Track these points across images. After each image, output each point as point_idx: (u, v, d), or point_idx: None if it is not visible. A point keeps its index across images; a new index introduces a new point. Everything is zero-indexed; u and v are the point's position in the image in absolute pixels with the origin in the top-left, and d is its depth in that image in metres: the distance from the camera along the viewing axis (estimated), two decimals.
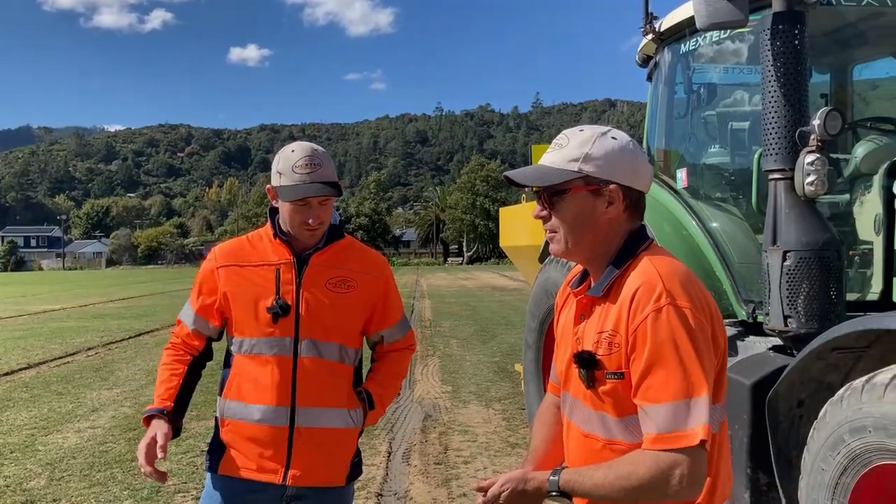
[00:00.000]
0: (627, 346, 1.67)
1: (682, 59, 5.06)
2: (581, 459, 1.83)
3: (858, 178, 4.21)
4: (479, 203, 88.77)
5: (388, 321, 2.70)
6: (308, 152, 2.41)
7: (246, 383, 2.49)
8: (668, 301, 1.64)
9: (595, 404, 1.76)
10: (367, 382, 2.67)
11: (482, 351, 12.86)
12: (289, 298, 2.48)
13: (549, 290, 5.30)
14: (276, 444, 2.47)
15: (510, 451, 6.63)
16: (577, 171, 1.73)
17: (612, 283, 1.76)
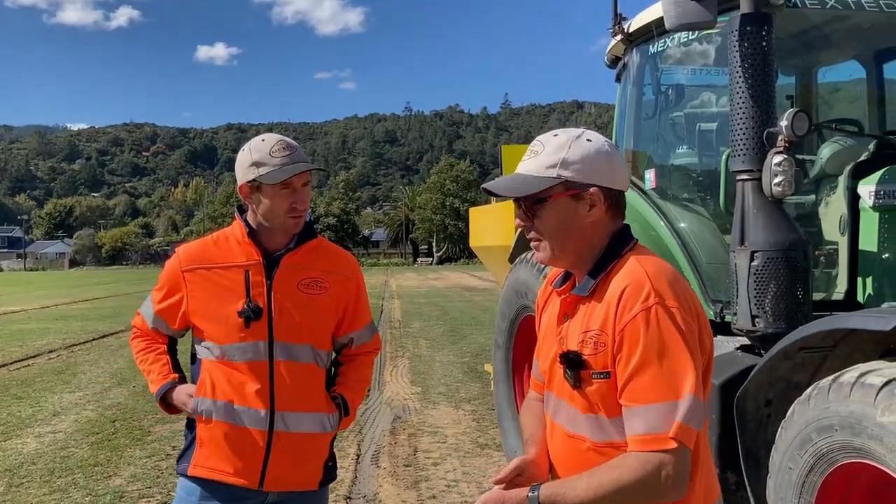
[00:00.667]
0: (614, 345, 1.66)
1: (650, 60, 5.08)
2: (566, 460, 1.81)
3: (823, 179, 4.26)
4: (448, 203, 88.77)
5: (359, 323, 2.65)
6: (280, 138, 2.42)
7: (223, 383, 2.43)
8: (656, 301, 1.63)
9: (581, 405, 1.74)
10: (339, 387, 2.62)
11: (452, 351, 12.84)
12: (260, 301, 2.41)
13: (519, 290, 5.29)
14: (254, 447, 2.41)
15: (480, 452, 6.62)
16: (555, 177, 1.72)
17: (598, 283, 1.75)
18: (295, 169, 2.36)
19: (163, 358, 2.57)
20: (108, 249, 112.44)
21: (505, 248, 6.44)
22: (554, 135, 1.79)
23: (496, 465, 6.19)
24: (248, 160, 2.39)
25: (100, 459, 6.53)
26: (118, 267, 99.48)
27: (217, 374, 2.44)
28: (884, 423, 2.53)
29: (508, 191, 1.78)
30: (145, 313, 2.60)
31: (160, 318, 2.55)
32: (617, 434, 1.70)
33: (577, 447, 1.77)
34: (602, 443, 1.72)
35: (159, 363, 2.56)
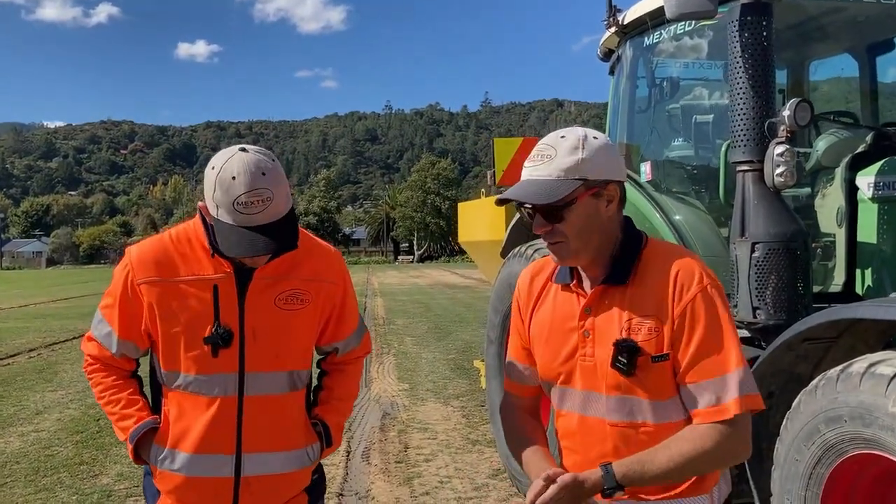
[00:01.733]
0: (673, 327, 1.73)
1: (644, 52, 5.05)
2: (612, 448, 1.80)
3: (820, 172, 4.25)
4: (429, 201, 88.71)
5: (346, 331, 2.29)
6: (254, 183, 1.85)
7: (179, 426, 2.07)
8: (708, 282, 1.76)
9: (629, 391, 1.77)
10: (322, 409, 2.26)
11: (437, 348, 12.79)
12: (231, 323, 2.02)
13: (512, 284, 5.22)
14: (216, 496, 2.08)
15: (471, 449, 6.57)
16: (577, 178, 1.75)
17: (633, 271, 1.81)
18: (252, 249, 1.90)
19: (138, 400, 2.16)
20: (86, 248, 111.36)
21: (495, 242, 6.40)
22: (561, 136, 1.81)
23: (488, 461, 6.16)
24: (211, 190, 1.91)
25: (85, 458, 6.42)
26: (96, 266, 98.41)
27: (176, 410, 2.08)
28: (895, 413, 2.51)
29: (535, 198, 1.76)
30: (103, 340, 2.14)
31: (127, 342, 2.12)
32: (673, 414, 1.77)
33: (626, 435, 1.79)
34: (660, 424, 1.77)
35: (134, 406, 2.14)
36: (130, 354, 2.17)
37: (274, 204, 1.89)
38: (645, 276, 1.79)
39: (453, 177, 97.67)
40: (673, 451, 1.69)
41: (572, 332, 1.85)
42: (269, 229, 1.89)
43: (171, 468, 2.08)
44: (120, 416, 2.14)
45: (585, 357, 1.82)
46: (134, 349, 2.15)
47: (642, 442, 1.77)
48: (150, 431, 2.11)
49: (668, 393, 1.76)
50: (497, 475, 5.77)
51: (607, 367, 1.77)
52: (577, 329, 1.84)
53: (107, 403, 2.17)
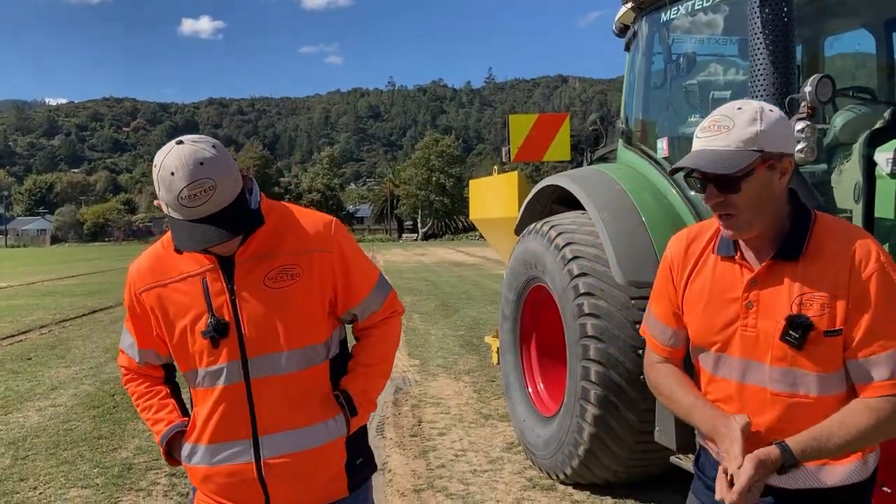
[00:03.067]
0: (848, 303, 1.77)
1: (660, 28, 5.05)
2: (772, 416, 1.87)
3: (838, 147, 4.26)
4: (433, 178, 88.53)
5: (358, 297, 2.21)
6: (193, 175, 1.83)
7: (198, 420, 2.13)
8: (885, 259, 1.80)
9: (796, 363, 1.83)
10: (347, 378, 2.22)
11: (446, 325, 12.86)
12: (225, 314, 2.03)
13: (528, 261, 5.29)
14: (244, 483, 2.09)
15: (484, 423, 6.65)
16: (756, 150, 1.78)
17: (806, 247, 1.83)
18: (203, 240, 1.89)
19: (168, 403, 2.23)
20: (90, 226, 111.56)
21: (508, 219, 6.43)
22: (738, 108, 1.83)
23: (501, 434, 6.24)
24: (158, 189, 1.90)
25: (103, 432, 6.51)
26: (101, 243, 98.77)
27: (198, 406, 2.14)
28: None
29: (714, 167, 1.78)
30: (129, 351, 2.25)
31: (147, 350, 2.21)
32: (836, 387, 1.83)
33: (786, 404, 1.85)
34: (821, 396, 1.83)
35: (164, 410, 2.22)
36: (153, 362, 2.24)
37: (218, 192, 1.87)
38: (819, 252, 1.82)
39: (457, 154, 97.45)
40: (850, 426, 1.75)
41: (733, 303, 1.89)
42: (219, 218, 1.89)
43: (195, 462, 2.14)
44: (153, 420, 2.23)
45: (747, 328, 1.87)
46: (155, 356, 2.22)
47: (801, 412, 1.83)
48: (179, 434, 2.18)
49: (835, 367, 1.81)
50: (511, 448, 5.85)
51: (774, 339, 1.82)
52: (741, 300, 1.88)
53: (142, 410, 2.26)
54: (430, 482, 5.19)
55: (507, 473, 5.34)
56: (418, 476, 5.32)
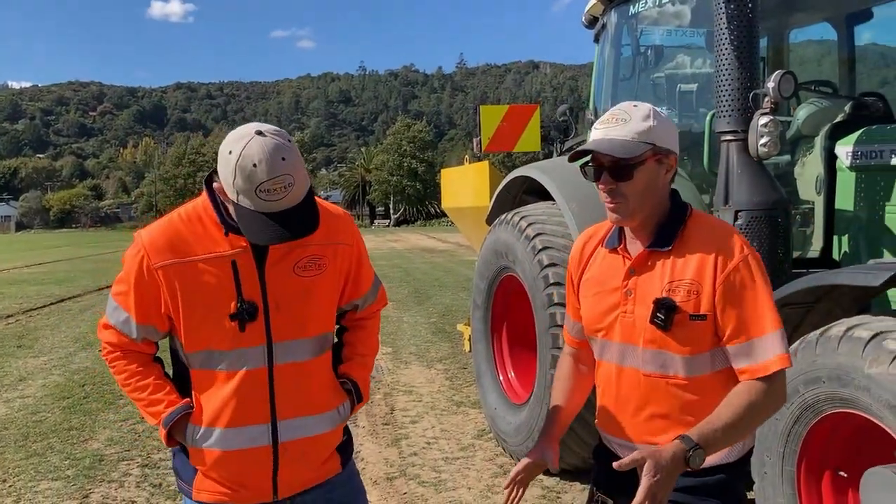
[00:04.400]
0: (714, 292, 1.89)
1: (629, 20, 5.11)
2: (644, 397, 2.00)
3: (800, 140, 4.37)
4: (405, 164, 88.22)
5: (364, 288, 2.34)
6: (275, 170, 1.86)
7: (211, 404, 2.10)
8: (748, 251, 1.92)
9: (664, 345, 1.94)
10: (348, 367, 2.31)
11: (418, 312, 12.91)
12: (254, 297, 2.05)
13: (498, 250, 5.34)
14: (258, 465, 2.13)
15: (456, 410, 6.72)
16: (648, 142, 1.91)
17: (677, 238, 1.96)
18: (273, 237, 1.94)
19: (166, 384, 2.17)
20: (57, 212, 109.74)
21: (479, 209, 6.48)
22: (634, 106, 1.98)
23: (473, 421, 6.31)
24: (231, 175, 1.89)
25: (74, 424, 6.47)
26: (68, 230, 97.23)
27: (207, 389, 2.10)
28: (871, 374, 2.65)
29: (613, 151, 1.91)
30: (121, 326, 2.13)
31: (146, 326, 2.11)
32: (702, 368, 1.94)
33: (658, 384, 1.98)
34: (690, 377, 1.95)
35: (163, 391, 2.15)
36: (151, 338, 2.16)
37: (295, 188, 1.91)
38: (688, 243, 1.95)
39: (429, 139, 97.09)
40: (734, 404, 1.85)
41: (616, 291, 2.03)
42: (291, 214, 1.93)
43: (209, 445, 2.11)
44: (148, 401, 2.15)
45: (626, 314, 2.00)
46: (154, 332, 2.15)
47: (671, 392, 1.96)
48: (184, 415, 2.13)
49: (700, 349, 1.93)
50: (482, 435, 5.92)
51: (646, 322, 1.95)
52: (621, 288, 2.02)
53: (133, 390, 2.17)
54: (403, 470, 5.24)
55: (478, 460, 5.41)
56: (391, 464, 5.37)
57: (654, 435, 1.98)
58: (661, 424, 1.98)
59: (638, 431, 2.02)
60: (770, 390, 1.87)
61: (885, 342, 2.66)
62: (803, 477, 3.11)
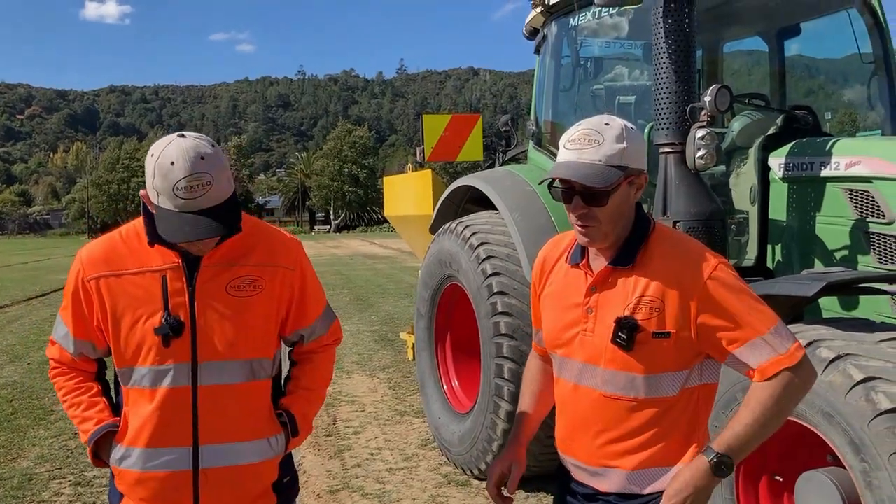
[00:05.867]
0: (690, 307, 1.84)
1: (569, 32, 5.17)
2: (601, 419, 1.95)
3: (735, 151, 4.48)
4: (346, 169, 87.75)
5: (309, 318, 2.26)
6: (193, 168, 1.86)
7: (135, 422, 2.06)
8: (718, 260, 1.88)
9: (626, 366, 1.89)
10: (289, 399, 2.24)
11: (360, 320, 12.83)
12: (181, 314, 2.01)
13: (443, 259, 5.34)
14: (177, 491, 2.06)
15: (399, 420, 6.69)
16: (622, 166, 1.85)
17: (639, 255, 1.92)
18: (194, 233, 1.90)
19: (99, 402, 2.15)
20: None
21: (422, 217, 6.48)
22: (605, 123, 1.89)
23: (417, 431, 6.29)
24: (151, 175, 1.90)
25: (1, 441, 6.22)
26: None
27: (132, 407, 2.07)
28: None
29: (588, 180, 1.84)
30: (62, 341, 2.15)
31: (83, 341, 2.12)
32: (665, 388, 1.90)
33: (618, 406, 1.92)
34: (651, 398, 1.90)
35: (95, 408, 2.13)
36: (89, 354, 2.16)
37: (214, 188, 1.89)
38: (651, 260, 1.91)
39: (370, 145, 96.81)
40: (752, 403, 1.81)
41: (577, 308, 1.98)
42: (212, 213, 1.90)
43: (128, 465, 2.07)
44: (81, 418, 2.13)
45: (587, 332, 1.95)
46: (92, 349, 2.14)
47: (632, 414, 1.91)
48: (109, 434, 2.10)
49: (663, 368, 1.88)
50: (426, 445, 5.91)
51: (607, 341, 1.90)
52: (582, 305, 1.97)
53: (69, 406, 2.16)
54: (346, 482, 5.19)
55: (422, 470, 5.39)
56: (333, 476, 5.31)
57: (611, 458, 1.95)
58: (621, 447, 1.93)
59: (595, 454, 1.97)
60: (799, 378, 1.82)
61: (818, 351, 2.74)
62: (742, 482, 3.19)
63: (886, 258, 3.53)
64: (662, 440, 1.91)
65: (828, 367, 2.69)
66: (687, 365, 1.90)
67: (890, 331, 2.84)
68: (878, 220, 3.54)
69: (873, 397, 2.54)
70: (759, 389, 1.83)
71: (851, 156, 3.66)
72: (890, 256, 3.51)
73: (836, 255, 3.77)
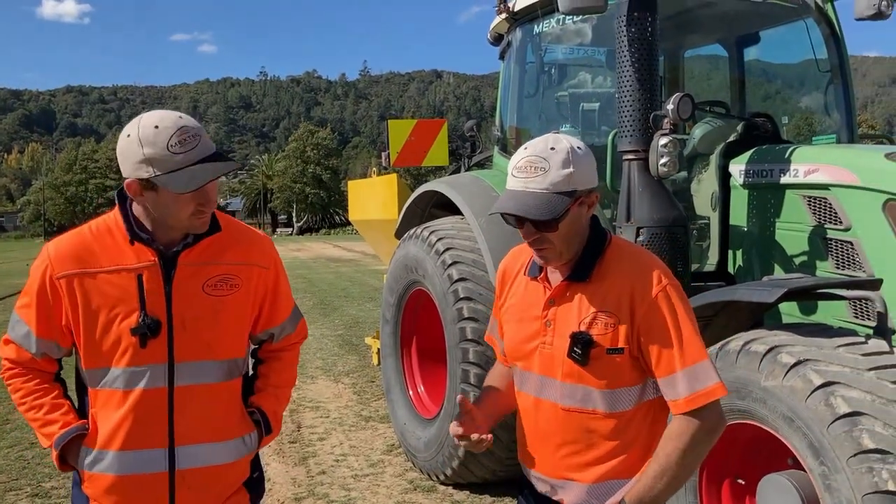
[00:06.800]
0: (633, 325, 1.86)
1: (534, 39, 5.21)
2: (560, 432, 1.96)
3: (696, 158, 4.55)
4: (309, 171, 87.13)
5: (280, 317, 2.28)
6: (177, 124, 1.90)
7: (106, 425, 2.01)
8: (667, 282, 1.89)
9: (582, 380, 1.91)
10: (258, 397, 2.24)
11: (324, 324, 12.74)
12: (158, 313, 1.99)
13: (408, 265, 5.33)
14: (153, 494, 2.04)
15: (365, 426, 6.65)
16: (570, 191, 1.85)
17: (594, 270, 1.93)
18: (205, 175, 1.90)
19: (63, 404, 2.09)
20: None
21: (387, 221, 6.47)
22: (551, 148, 1.88)
23: (382, 437, 6.26)
24: (138, 154, 1.88)
25: None
26: None
27: (102, 409, 2.03)
28: (767, 387, 2.78)
29: (536, 214, 1.84)
30: (21, 341, 2.07)
31: (47, 341, 2.06)
32: (623, 403, 1.91)
33: (577, 419, 1.94)
34: (610, 413, 1.91)
35: (59, 410, 2.07)
36: (52, 354, 2.10)
37: (203, 139, 1.93)
38: (606, 275, 1.92)
39: (333, 146, 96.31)
40: (660, 451, 1.83)
41: (536, 321, 1.99)
42: (212, 158, 1.93)
43: (101, 469, 2.03)
44: (43, 421, 2.07)
45: (545, 345, 1.97)
46: (56, 348, 2.09)
47: (591, 428, 1.92)
48: (77, 437, 2.05)
49: (620, 383, 1.89)
50: (392, 451, 5.89)
51: (564, 355, 1.91)
52: (541, 318, 1.98)
53: (28, 409, 2.09)
54: (311, 489, 5.15)
55: (388, 476, 5.37)
56: (298, 484, 5.26)
57: (571, 471, 1.97)
58: (581, 460, 1.95)
59: (556, 467, 1.99)
60: (702, 424, 1.82)
61: (779, 356, 2.79)
62: (705, 485, 3.23)
63: (843, 264, 3.61)
64: (621, 453, 1.93)
65: (788, 372, 2.74)
66: (642, 379, 1.92)
67: (848, 336, 2.90)
68: (835, 227, 3.62)
69: (832, 402, 2.59)
70: (665, 439, 1.86)
71: (810, 163, 3.74)
72: (847, 262, 3.59)
73: (796, 260, 3.84)
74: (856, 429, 2.51)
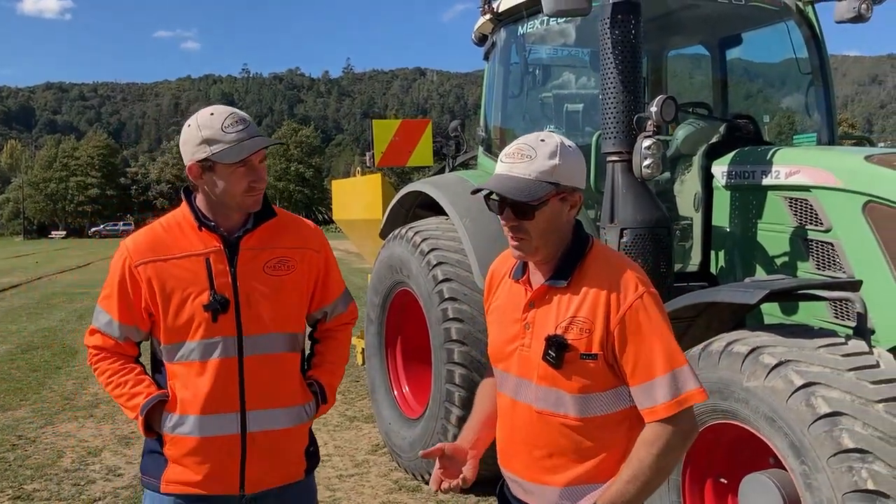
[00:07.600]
0: (608, 331, 1.86)
1: (518, 39, 5.22)
2: (535, 434, 1.98)
3: (679, 159, 4.59)
4: (293, 169, 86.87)
5: (332, 296, 2.51)
6: (231, 111, 2.24)
7: (186, 393, 2.25)
8: (644, 289, 1.90)
9: (556, 383, 1.92)
10: (316, 371, 2.49)
11: None
12: (226, 292, 2.24)
13: (393, 265, 5.34)
14: (228, 454, 2.26)
15: (349, 426, 6.66)
16: (552, 182, 1.87)
17: (574, 274, 1.94)
18: (253, 146, 2.18)
19: (144, 378, 2.33)
20: None
21: (371, 221, 6.47)
22: (541, 140, 1.92)
23: (367, 437, 6.27)
24: (198, 137, 2.18)
25: None
26: None
27: (181, 380, 2.27)
28: (749, 387, 2.81)
29: (514, 194, 1.87)
30: (105, 328, 2.33)
31: (127, 325, 2.31)
32: (596, 409, 1.92)
33: (550, 422, 1.95)
34: (582, 417, 1.92)
35: (142, 384, 2.31)
36: (133, 338, 2.35)
37: (252, 125, 2.23)
38: (585, 280, 1.93)
39: (317, 144, 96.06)
40: (632, 459, 1.85)
41: (516, 323, 2.01)
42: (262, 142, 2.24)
43: (183, 432, 2.26)
44: (129, 395, 2.30)
45: (524, 347, 1.98)
46: (136, 332, 2.33)
47: (564, 432, 1.93)
48: (159, 405, 2.27)
49: (593, 389, 1.90)
50: (377, 451, 5.89)
51: (540, 358, 1.92)
52: (521, 321, 2.00)
53: (115, 387, 2.33)
54: None
55: (373, 476, 5.38)
56: None
57: (546, 473, 1.97)
58: (553, 463, 1.96)
59: (531, 469, 2.00)
60: (676, 429, 1.83)
61: (761, 357, 2.82)
62: (688, 484, 3.27)
63: (824, 265, 3.65)
64: (593, 457, 1.94)
65: (770, 372, 2.77)
66: (616, 385, 1.92)
67: (828, 336, 2.94)
68: (816, 228, 3.66)
69: (813, 402, 2.62)
70: (639, 445, 1.86)
71: (791, 165, 3.78)
72: (827, 263, 3.64)
73: (777, 261, 3.88)
74: (836, 429, 2.55)
